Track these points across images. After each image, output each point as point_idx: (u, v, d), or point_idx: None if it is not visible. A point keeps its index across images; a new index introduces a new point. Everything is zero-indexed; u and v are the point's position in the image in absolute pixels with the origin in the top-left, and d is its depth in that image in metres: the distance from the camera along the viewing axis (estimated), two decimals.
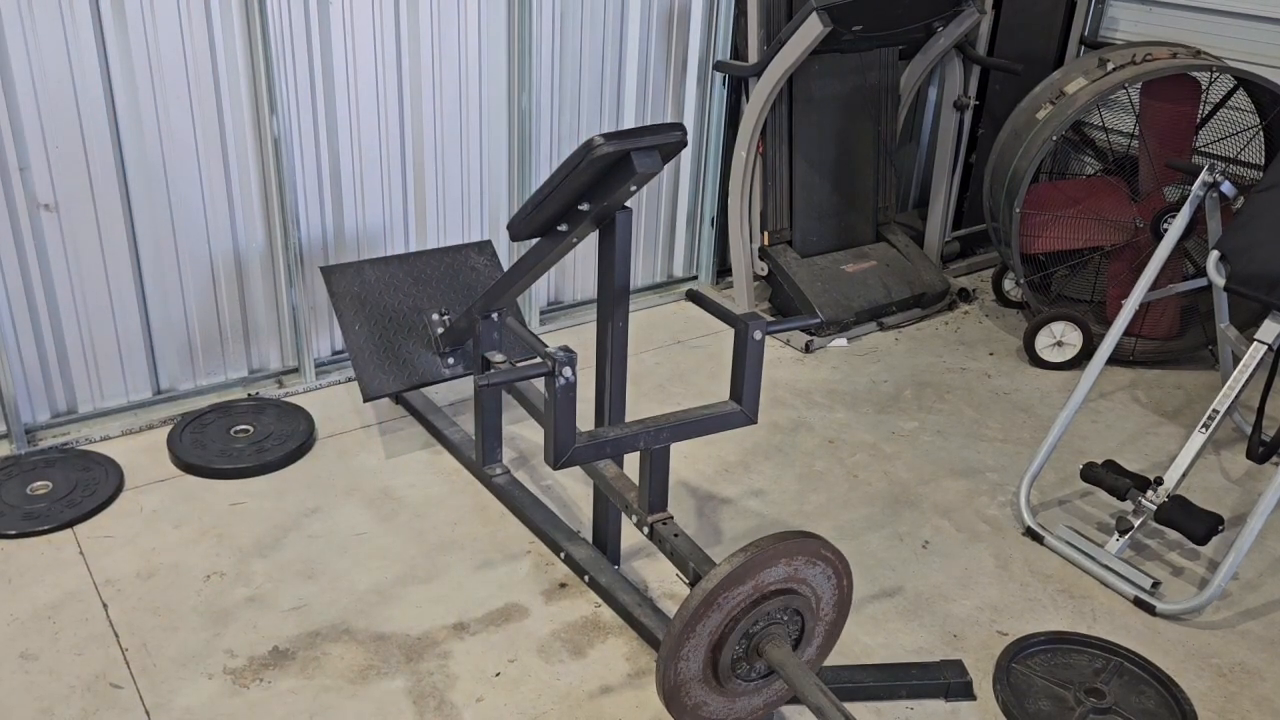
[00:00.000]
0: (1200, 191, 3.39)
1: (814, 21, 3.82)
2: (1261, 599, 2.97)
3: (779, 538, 2.15)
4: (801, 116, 4.36)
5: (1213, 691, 2.63)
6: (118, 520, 3.06)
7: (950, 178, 4.84)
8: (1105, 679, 2.62)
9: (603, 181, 2.34)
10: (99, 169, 3.22)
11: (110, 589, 2.80)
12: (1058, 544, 3.11)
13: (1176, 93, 4.02)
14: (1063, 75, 4.30)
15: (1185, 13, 4.61)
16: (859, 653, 2.70)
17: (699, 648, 2.15)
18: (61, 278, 3.29)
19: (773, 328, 2.47)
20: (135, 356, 3.51)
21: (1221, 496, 3.42)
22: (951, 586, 2.97)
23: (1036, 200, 4.18)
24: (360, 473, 3.33)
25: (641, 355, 4.15)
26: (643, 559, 2.99)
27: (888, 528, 3.20)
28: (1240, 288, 3.11)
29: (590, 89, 4.16)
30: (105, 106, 3.18)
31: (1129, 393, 4.06)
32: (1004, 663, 2.64)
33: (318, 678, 2.55)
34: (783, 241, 4.45)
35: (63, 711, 2.42)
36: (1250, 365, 3.09)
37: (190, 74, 3.28)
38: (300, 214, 3.62)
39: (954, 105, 4.70)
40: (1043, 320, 4.20)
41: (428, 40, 3.70)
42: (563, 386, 2.26)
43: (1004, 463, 3.55)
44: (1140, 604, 2.90)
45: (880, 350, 4.31)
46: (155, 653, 2.60)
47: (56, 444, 3.37)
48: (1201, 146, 4.16)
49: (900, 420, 3.79)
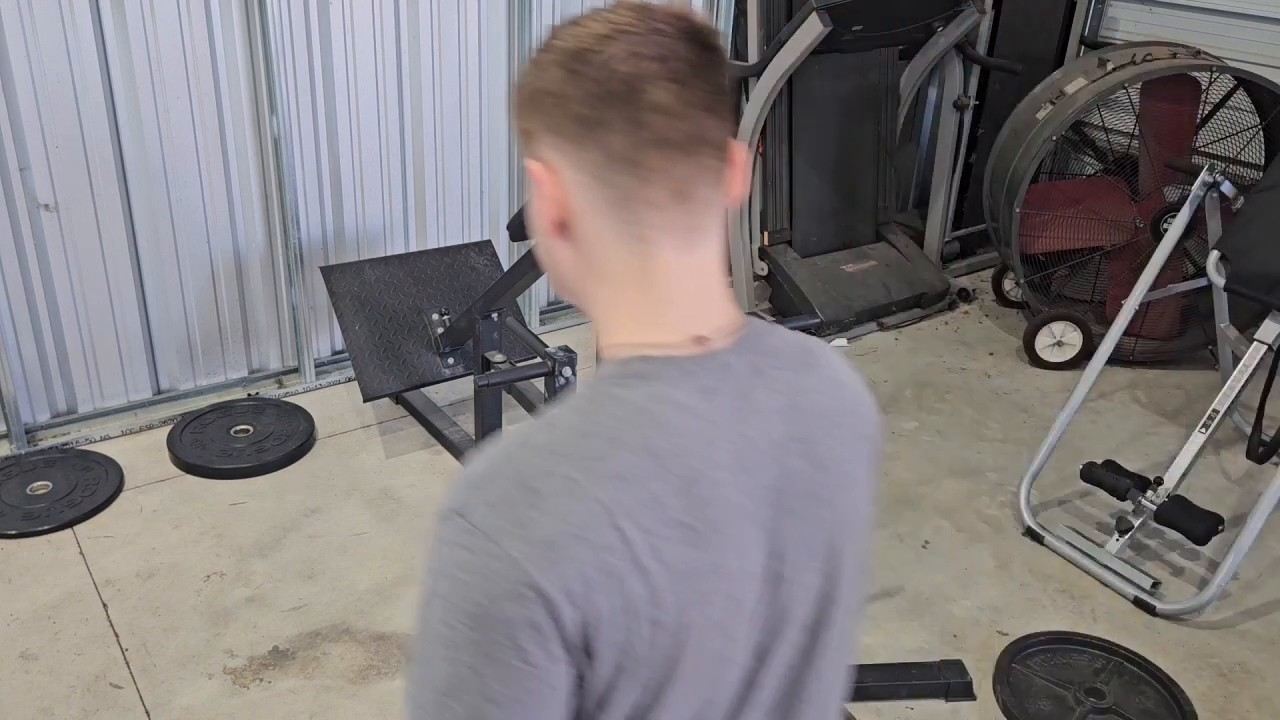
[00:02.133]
0: (1200, 191, 3.39)
1: (814, 21, 3.82)
2: (1262, 599, 2.97)
3: None
4: (801, 116, 4.36)
5: (1213, 691, 2.63)
6: (118, 520, 3.06)
7: (950, 178, 4.84)
8: (1105, 679, 2.62)
9: None
10: (99, 169, 3.22)
11: (110, 589, 2.80)
12: (1058, 544, 3.11)
13: (1176, 93, 4.02)
14: (1063, 75, 4.29)
15: (1185, 13, 4.61)
16: (859, 653, 2.70)
17: None
18: (61, 278, 3.29)
19: None
20: (135, 356, 3.51)
21: (1221, 496, 3.42)
22: (951, 586, 2.96)
23: (1036, 200, 4.18)
24: (360, 473, 3.33)
25: None
26: None
27: (888, 528, 3.20)
28: (1240, 288, 3.11)
29: None
30: (105, 106, 3.18)
31: (1129, 393, 4.06)
32: (1004, 663, 2.64)
33: (318, 678, 2.55)
34: (782, 241, 4.45)
35: (63, 711, 2.42)
36: (1250, 365, 3.09)
37: (190, 74, 3.27)
38: (300, 214, 3.62)
39: (954, 105, 4.70)
40: (1043, 320, 4.20)
41: (428, 40, 3.70)
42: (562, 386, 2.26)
43: (1004, 463, 3.55)
44: (1140, 604, 2.90)
45: (880, 350, 4.31)
46: (155, 653, 2.60)
47: (56, 444, 3.37)
48: (1201, 146, 4.16)
49: (900, 420, 3.79)
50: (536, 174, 0.89)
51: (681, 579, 0.82)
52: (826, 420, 0.94)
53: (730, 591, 0.86)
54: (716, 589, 0.85)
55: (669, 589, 0.81)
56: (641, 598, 0.80)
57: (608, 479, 0.81)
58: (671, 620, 0.81)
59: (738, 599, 0.87)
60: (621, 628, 0.79)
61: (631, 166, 0.85)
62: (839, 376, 0.99)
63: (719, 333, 0.91)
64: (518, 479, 0.81)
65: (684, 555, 0.82)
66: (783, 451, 0.91)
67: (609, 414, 0.85)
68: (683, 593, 0.82)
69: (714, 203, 0.89)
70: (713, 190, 0.89)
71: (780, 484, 0.90)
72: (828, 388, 0.96)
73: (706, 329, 0.90)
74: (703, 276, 0.90)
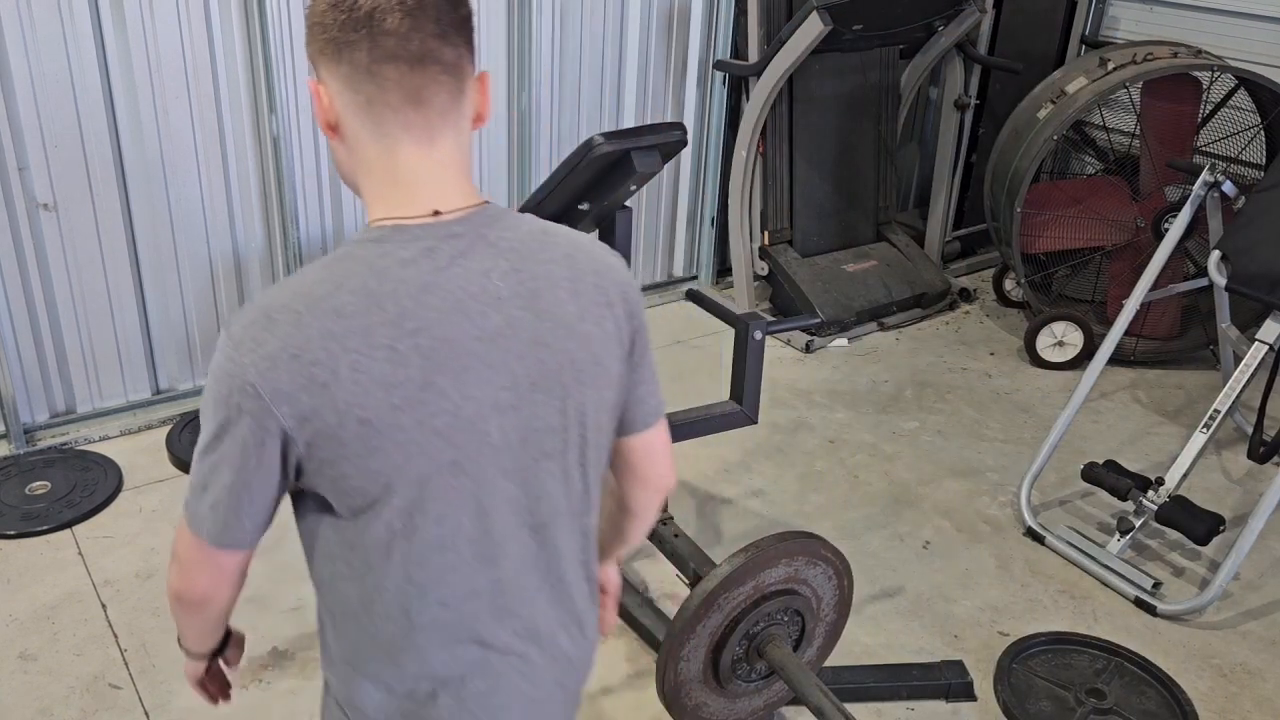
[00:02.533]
0: (1201, 191, 3.38)
1: (814, 21, 3.82)
2: (1262, 599, 2.96)
3: (779, 538, 2.14)
4: (802, 116, 4.35)
5: (1214, 692, 2.63)
6: (117, 520, 3.06)
7: (951, 177, 4.84)
8: (1106, 679, 2.62)
9: (603, 181, 2.33)
10: (99, 169, 3.21)
11: (109, 589, 2.79)
12: (1059, 544, 3.10)
13: (1177, 92, 4.01)
14: (1063, 75, 4.29)
15: (1186, 12, 4.60)
16: (859, 653, 2.70)
17: (699, 648, 2.15)
18: (60, 278, 3.28)
19: (773, 328, 2.46)
20: (134, 356, 3.50)
21: (1222, 497, 3.41)
22: (952, 587, 2.96)
23: (1037, 200, 4.18)
24: None
25: None
26: (643, 559, 2.98)
27: (888, 528, 3.20)
28: (1241, 287, 3.10)
29: (590, 89, 4.16)
30: (105, 106, 3.17)
31: (1130, 393, 4.05)
32: (1005, 663, 2.64)
33: (317, 678, 2.54)
34: (783, 241, 4.44)
35: (62, 712, 2.41)
36: (1251, 365, 3.08)
37: (189, 74, 3.27)
38: (299, 214, 3.61)
39: (955, 105, 4.69)
40: (1044, 320, 4.20)
41: None
42: None
43: (1005, 463, 3.55)
44: (1141, 604, 2.89)
45: (881, 350, 4.30)
46: (154, 653, 2.59)
47: (55, 444, 3.36)
48: (1202, 146, 4.16)
49: (901, 420, 3.79)
50: (312, 87, 1.16)
51: (387, 389, 1.08)
52: (550, 282, 1.17)
53: (453, 410, 1.12)
54: (432, 403, 1.11)
55: (374, 396, 1.08)
56: (346, 400, 1.08)
57: (327, 313, 1.08)
58: (380, 420, 1.09)
59: (469, 420, 1.13)
60: (329, 421, 1.08)
61: (371, 77, 1.09)
62: (577, 252, 1.21)
63: (455, 211, 1.15)
64: (264, 310, 1.10)
65: (389, 372, 1.08)
66: (505, 304, 1.14)
67: (342, 266, 1.12)
68: (391, 400, 1.09)
69: (450, 112, 1.13)
70: (448, 102, 1.13)
71: (504, 330, 1.14)
72: (558, 257, 1.19)
73: (444, 208, 1.14)
74: (442, 169, 1.15)
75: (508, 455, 1.17)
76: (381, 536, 1.16)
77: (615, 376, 1.23)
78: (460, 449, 1.14)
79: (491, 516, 1.18)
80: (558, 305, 1.16)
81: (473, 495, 1.16)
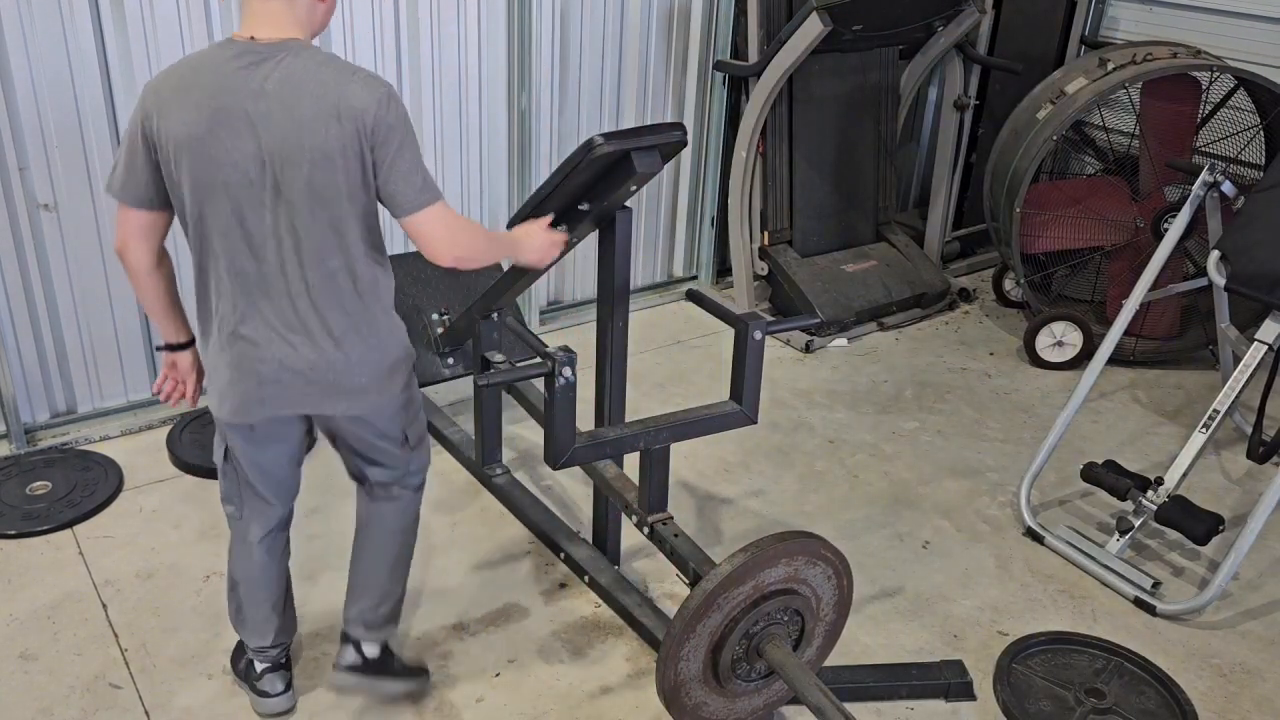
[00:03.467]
0: (1201, 191, 3.38)
1: (814, 21, 3.82)
2: (1262, 599, 2.97)
3: (779, 538, 2.15)
4: (801, 116, 4.35)
5: (1213, 692, 2.63)
6: (117, 520, 3.06)
7: (950, 177, 4.84)
8: (1106, 679, 2.62)
9: (603, 181, 2.33)
10: (99, 169, 3.21)
11: (110, 589, 2.79)
12: (1058, 544, 3.11)
13: (1177, 92, 4.01)
14: (1063, 75, 4.29)
15: (1185, 12, 4.61)
16: (859, 653, 2.70)
17: (699, 648, 2.15)
18: (61, 278, 3.29)
19: (773, 328, 2.46)
20: (135, 356, 3.50)
21: (1222, 496, 3.41)
22: (952, 587, 2.96)
23: (1037, 200, 4.18)
24: None
25: (641, 355, 4.15)
26: (643, 559, 2.99)
27: (888, 528, 3.20)
28: (1240, 287, 3.10)
29: (590, 89, 4.16)
30: (105, 107, 3.17)
31: (1129, 393, 4.05)
32: (1004, 663, 2.64)
33: (317, 678, 2.55)
34: (783, 241, 4.44)
35: (62, 712, 2.42)
36: (1251, 365, 3.08)
37: None
38: None
39: (954, 105, 4.70)
40: (1043, 320, 4.20)
41: (428, 40, 3.69)
42: (562, 386, 2.26)
43: (1004, 463, 3.55)
44: (1141, 604, 2.90)
45: (880, 350, 4.31)
46: (155, 653, 2.60)
47: (56, 444, 3.37)
48: (1202, 146, 4.16)
49: (900, 420, 3.79)
50: None
51: (187, 127, 1.89)
52: (302, 94, 1.88)
53: (228, 145, 1.89)
54: (211, 144, 1.89)
55: (179, 130, 1.89)
56: (166, 129, 1.91)
57: (165, 76, 1.94)
58: (179, 146, 1.90)
59: (234, 161, 1.90)
60: (161, 139, 1.92)
61: None
62: (333, 82, 1.89)
63: (268, 40, 1.92)
64: (157, 76, 1.97)
65: (191, 118, 1.89)
66: (268, 98, 1.88)
67: (195, 56, 1.96)
68: (190, 134, 1.89)
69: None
70: None
71: (256, 110, 1.88)
72: (318, 81, 1.89)
73: (259, 36, 1.93)
74: (271, 16, 1.93)
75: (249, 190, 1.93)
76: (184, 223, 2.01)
77: (341, 166, 1.91)
78: (226, 177, 1.91)
79: (247, 224, 1.95)
80: (299, 108, 1.88)
81: (233, 209, 1.94)
